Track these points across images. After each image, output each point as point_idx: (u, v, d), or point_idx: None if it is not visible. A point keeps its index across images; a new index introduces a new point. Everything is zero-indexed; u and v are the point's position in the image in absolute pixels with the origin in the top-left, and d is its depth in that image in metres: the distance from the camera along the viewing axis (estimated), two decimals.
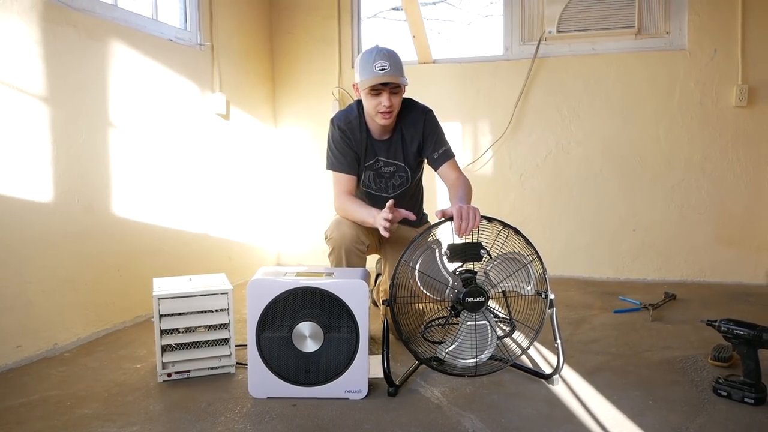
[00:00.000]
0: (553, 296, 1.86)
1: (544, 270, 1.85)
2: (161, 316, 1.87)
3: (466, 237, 1.81)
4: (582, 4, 3.20)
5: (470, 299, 1.79)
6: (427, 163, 2.30)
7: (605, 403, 1.70)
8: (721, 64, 3.16)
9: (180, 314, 1.89)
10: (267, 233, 3.72)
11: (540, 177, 3.45)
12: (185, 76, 2.90)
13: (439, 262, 1.82)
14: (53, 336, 2.18)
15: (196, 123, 2.98)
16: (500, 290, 1.86)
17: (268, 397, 1.75)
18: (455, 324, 1.86)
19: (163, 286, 1.96)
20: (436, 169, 2.24)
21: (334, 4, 3.66)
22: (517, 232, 1.84)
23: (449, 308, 1.85)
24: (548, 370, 1.92)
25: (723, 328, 1.73)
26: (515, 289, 1.85)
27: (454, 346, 1.82)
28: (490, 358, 1.85)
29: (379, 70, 2.03)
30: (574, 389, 1.81)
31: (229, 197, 3.28)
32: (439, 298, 1.83)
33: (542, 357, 2.10)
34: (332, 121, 2.23)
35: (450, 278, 1.82)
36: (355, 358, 1.73)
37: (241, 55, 3.41)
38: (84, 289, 2.31)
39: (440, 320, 1.94)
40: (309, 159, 3.76)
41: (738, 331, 1.70)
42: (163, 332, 1.88)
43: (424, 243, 1.82)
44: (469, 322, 1.81)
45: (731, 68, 3.14)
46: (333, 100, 3.66)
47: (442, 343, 1.85)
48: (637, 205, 3.33)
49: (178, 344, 1.91)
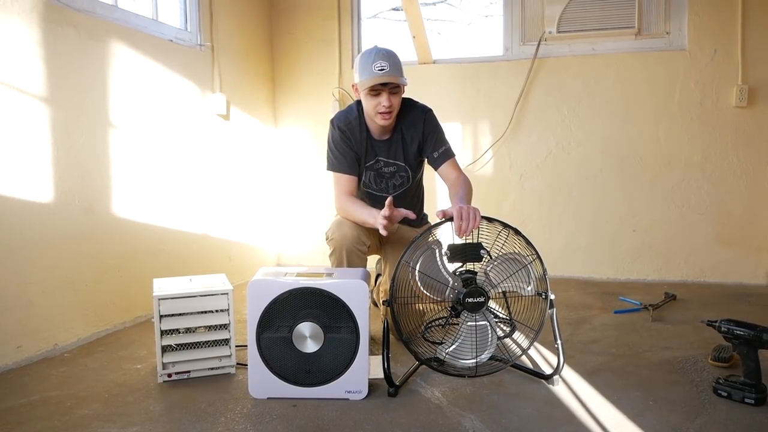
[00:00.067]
0: (553, 297, 1.86)
1: (545, 270, 1.85)
2: (161, 316, 1.87)
3: (467, 237, 1.81)
4: (582, 5, 3.20)
5: (470, 300, 1.79)
6: (428, 163, 2.30)
7: (605, 404, 1.70)
8: (721, 64, 3.16)
9: (180, 315, 1.89)
10: (267, 234, 3.72)
11: (540, 177, 3.45)
12: (185, 76, 2.90)
13: (440, 263, 1.82)
14: (53, 336, 2.18)
15: (196, 123, 2.98)
16: (500, 291, 1.85)
17: (268, 398, 1.75)
18: (455, 324, 1.86)
19: (163, 286, 1.96)
20: (436, 168, 2.24)
21: (334, 5, 3.66)
22: (517, 232, 1.84)
23: (449, 309, 1.85)
24: (548, 371, 1.92)
25: (723, 329, 1.73)
26: (515, 290, 1.85)
27: (454, 346, 1.82)
28: (491, 358, 1.85)
29: (379, 70, 2.03)
30: (574, 390, 1.81)
31: (230, 198, 3.28)
32: (439, 299, 1.83)
33: (542, 357, 2.10)
34: (332, 122, 2.23)
35: (450, 279, 1.82)
36: (356, 359, 1.73)
37: (242, 55, 3.41)
38: (84, 289, 2.31)
39: (440, 321, 1.94)
40: (309, 159, 3.76)
41: (738, 332, 1.70)
42: (164, 333, 1.88)
43: (425, 243, 1.82)
44: (470, 323, 1.81)
45: (731, 68, 3.14)
46: (333, 100, 3.66)
47: (442, 343, 1.85)
48: (637, 205, 3.33)
49: (178, 345, 1.91)
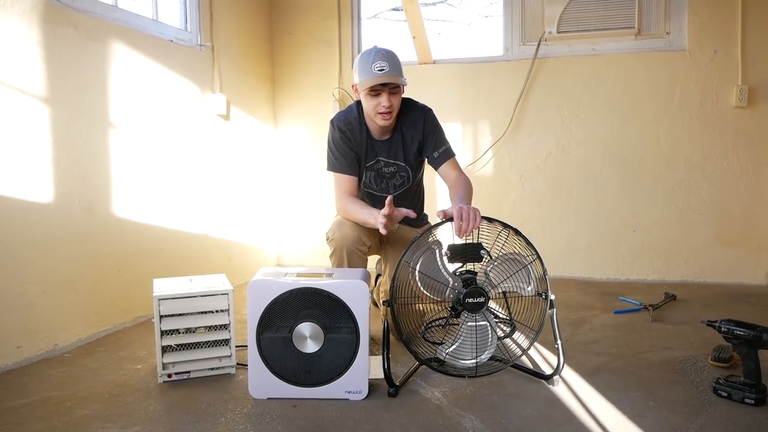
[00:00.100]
0: (553, 297, 1.86)
1: (545, 270, 1.85)
2: (161, 316, 1.87)
3: (467, 238, 1.81)
4: (582, 5, 3.20)
5: (470, 300, 1.79)
6: (428, 163, 2.29)
7: (605, 404, 1.70)
8: (721, 64, 3.16)
9: (180, 315, 1.89)
10: (267, 234, 3.72)
11: (540, 177, 3.45)
12: (185, 76, 2.90)
13: (440, 263, 1.82)
14: (53, 337, 2.18)
15: (196, 124, 2.98)
16: (500, 291, 1.85)
17: (268, 398, 1.75)
18: (455, 325, 1.86)
19: (163, 286, 1.96)
20: (436, 168, 2.24)
21: (334, 5, 3.66)
22: (517, 232, 1.84)
23: (449, 309, 1.85)
24: (548, 371, 1.92)
25: (723, 329, 1.73)
26: (515, 290, 1.85)
27: (454, 346, 1.82)
28: (491, 358, 1.85)
29: (378, 70, 2.03)
30: (574, 390, 1.81)
31: (230, 198, 3.28)
32: (439, 299, 1.83)
33: (542, 358, 2.10)
34: (332, 122, 2.23)
35: (450, 279, 1.82)
36: (356, 359, 1.73)
37: (242, 55, 3.41)
38: (84, 289, 2.31)
39: (440, 321, 1.94)
40: (309, 159, 3.76)
41: (738, 332, 1.70)
42: (164, 333, 1.88)
43: (425, 243, 1.82)
44: (470, 323, 1.81)
45: (731, 69, 3.14)
46: (333, 100, 3.66)
47: (442, 343, 1.85)
48: (637, 205, 3.33)
49: (178, 345, 1.91)
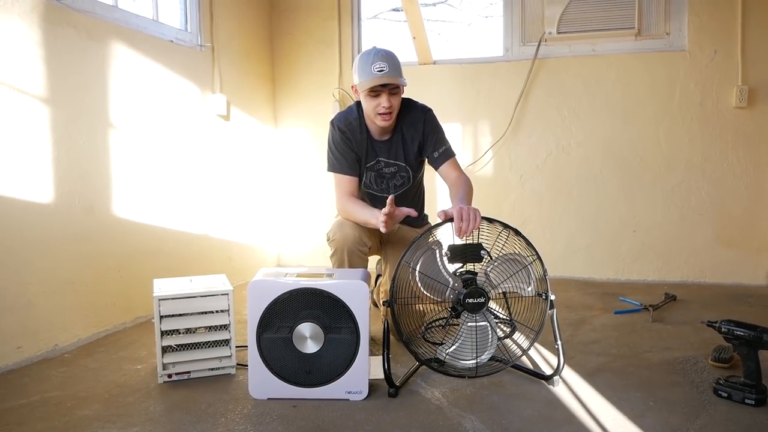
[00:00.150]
0: (553, 297, 1.86)
1: (545, 271, 1.85)
2: (162, 317, 1.87)
3: (467, 238, 1.81)
4: (582, 6, 3.21)
5: (471, 300, 1.79)
6: (428, 163, 2.29)
7: (606, 404, 1.70)
8: (721, 65, 3.16)
9: (180, 315, 1.89)
10: (267, 234, 3.72)
11: (540, 178, 3.45)
12: (186, 77, 2.90)
13: (440, 263, 1.82)
14: (53, 337, 2.18)
15: (196, 124, 2.98)
16: (501, 291, 1.85)
17: (268, 398, 1.75)
18: (456, 325, 1.86)
19: (163, 287, 1.96)
20: (436, 168, 2.24)
21: (335, 6, 3.66)
22: (517, 233, 1.84)
23: (450, 309, 1.85)
24: (549, 371, 1.92)
25: (723, 329, 1.73)
26: (516, 290, 1.85)
27: (454, 347, 1.82)
28: (491, 359, 1.85)
29: (378, 71, 2.03)
30: (574, 390, 1.80)
31: (230, 198, 3.28)
32: (439, 299, 1.83)
33: (543, 358, 2.10)
34: (332, 123, 2.23)
35: (450, 279, 1.83)
36: (356, 359, 1.73)
37: (242, 56, 3.41)
38: (84, 290, 2.31)
39: (441, 321, 1.94)
40: (309, 160, 3.76)
41: (738, 332, 1.70)
42: (164, 333, 1.88)
43: (425, 244, 1.82)
44: (470, 323, 1.81)
45: (731, 69, 3.14)
46: (333, 101, 3.66)
47: (442, 344, 1.85)
48: (637, 206, 3.33)
49: (178, 345, 1.91)
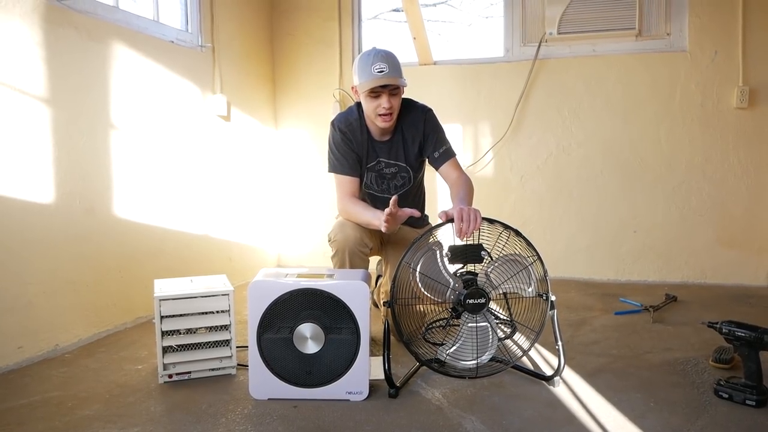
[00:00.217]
0: (554, 298, 1.85)
1: (545, 271, 1.85)
2: (162, 317, 1.87)
3: (467, 239, 1.81)
4: (583, 6, 3.20)
5: (471, 301, 1.79)
6: (428, 163, 2.29)
7: (606, 405, 1.70)
8: (721, 65, 3.16)
9: (181, 315, 1.89)
10: (268, 234, 3.72)
11: (541, 178, 3.45)
12: (186, 77, 2.90)
13: (440, 264, 1.82)
14: (54, 337, 2.18)
15: (197, 124, 2.98)
16: (501, 292, 1.85)
17: (269, 399, 1.75)
18: (456, 326, 1.86)
19: (164, 287, 1.96)
20: (437, 168, 2.23)
21: (335, 6, 3.66)
22: (518, 233, 1.84)
23: (450, 310, 1.85)
24: (549, 372, 1.92)
25: (724, 330, 1.73)
26: (516, 291, 1.85)
27: (454, 347, 1.82)
28: (491, 359, 1.85)
29: (378, 72, 2.03)
30: (575, 391, 1.80)
31: (230, 198, 3.28)
32: (440, 300, 1.83)
33: (543, 359, 2.10)
34: (333, 124, 2.23)
35: (451, 280, 1.83)
36: (356, 360, 1.73)
37: (242, 56, 3.42)
38: (85, 290, 2.31)
39: (441, 322, 1.94)
40: (309, 160, 3.76)
41: (739, 333, 1.70)
42: (164, 333, 1.88)
43: (425, 244, 1.82)
44: (470, 324, 1.81)
45: (732, 70, 3.14)
46: (334, 101, 3.66)
47: (442, 344, 1.85)
48: (637, 206, 3.33)
49: (179, 345, 1.91)
